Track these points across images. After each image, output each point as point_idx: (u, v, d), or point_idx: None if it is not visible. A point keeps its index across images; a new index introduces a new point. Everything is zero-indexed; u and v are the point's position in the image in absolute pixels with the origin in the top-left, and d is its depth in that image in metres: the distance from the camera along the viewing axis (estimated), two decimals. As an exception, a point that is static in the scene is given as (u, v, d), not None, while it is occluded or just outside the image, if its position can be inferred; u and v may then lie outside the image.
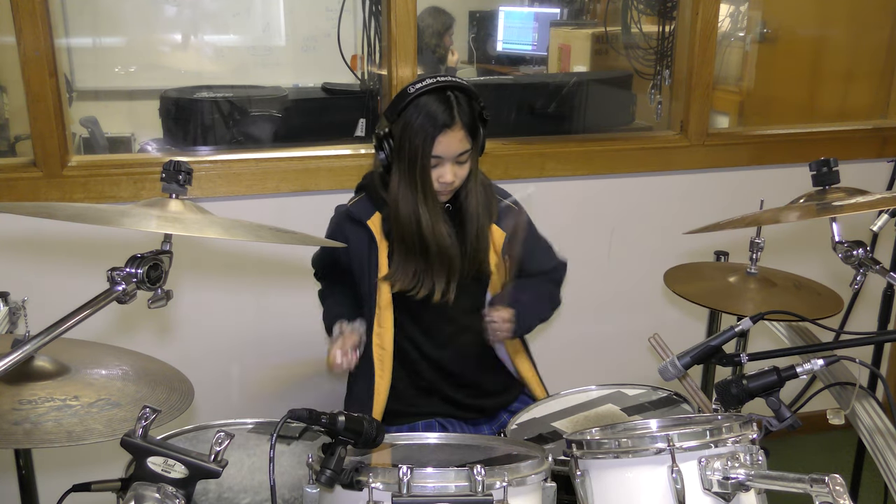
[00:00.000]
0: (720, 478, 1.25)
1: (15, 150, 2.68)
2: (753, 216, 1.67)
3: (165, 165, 1.29)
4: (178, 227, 1.22)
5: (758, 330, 1.63)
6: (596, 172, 2.67)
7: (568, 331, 2.70)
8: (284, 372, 2.47)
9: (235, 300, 2.45)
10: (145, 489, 1.10)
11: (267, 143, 2.76)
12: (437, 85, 1.77)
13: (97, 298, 1.17)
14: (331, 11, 2.85)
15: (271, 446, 1.17)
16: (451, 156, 1.79)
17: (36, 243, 2.28)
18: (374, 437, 1.26)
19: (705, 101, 2.72)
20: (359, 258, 1.92)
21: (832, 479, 1.13)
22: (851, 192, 1.57)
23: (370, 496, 1.21)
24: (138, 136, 3.13)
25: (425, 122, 1.75)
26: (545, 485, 1.32)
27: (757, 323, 1.48)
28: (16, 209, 1.46)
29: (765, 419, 1.34)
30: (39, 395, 1.27)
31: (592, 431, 1.41)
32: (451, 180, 1.80)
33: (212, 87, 2.91)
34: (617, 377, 2.05)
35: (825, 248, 1.61)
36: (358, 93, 2.72)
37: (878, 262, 1.53)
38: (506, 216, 1.96)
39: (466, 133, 1.79)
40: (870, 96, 3.22)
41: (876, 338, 1.89)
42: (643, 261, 2.72)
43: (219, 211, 1.34)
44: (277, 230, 1.36)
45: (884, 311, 2.40)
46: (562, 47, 3.82)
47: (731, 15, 3.54)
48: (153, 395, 1.34)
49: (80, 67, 3.41)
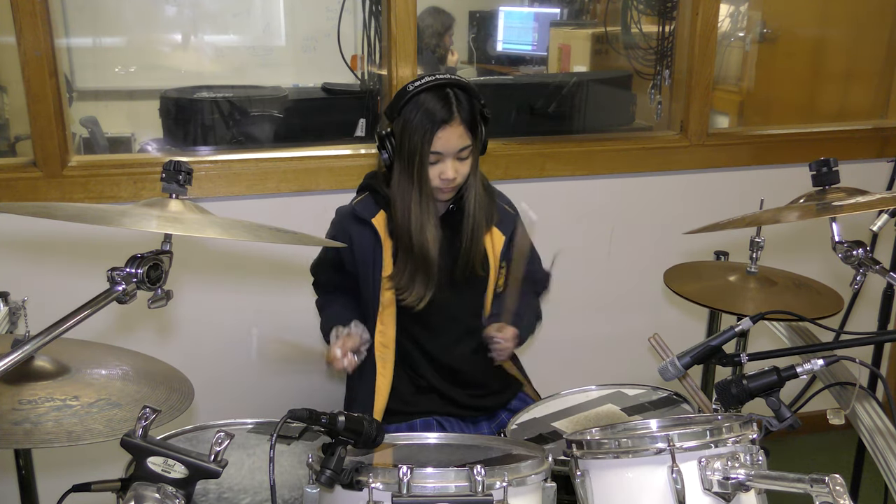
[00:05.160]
0: (720, 478, 1.25)
1: (15, 150, 2.68)
2: (753, 216, 1.67)
3: (165, 165, 1.29)
4: (178, 227, 1.22)
5: (758, 330, 1.63)
6: (596, 172, 2.67)
7: (568, 331, 2.70)
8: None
9: (235, 300, 2.45)
10: (145, 489, 1.10)
11: (267, 143, 2.76)
12: (436, 82, 1.77)
13: (97, 298, 1.17)
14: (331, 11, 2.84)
15: (271, 446, 1.17)
16: (451, 151, 1.79)
17: (36, 243, 2.28)
18: (374, 437, 1.26)
19: (705, 101, 2.72)
20: (363, 257, 1.91)
21: (832, 479, 1.12)
22: (851, 192, 1.57)
23: (370, 496, 1.21)
24: (138, 136, 3.13)
25: (424, 119, 1.75)
26: (545, 485, 1.32)
27: (757, 323, 1.48)
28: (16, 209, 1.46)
29: (765, 419, 1.34)
30: (39, 395, 1.27)
31: (592, 431, 1.41)
32: (452, 176, 1.80)
33: (212, 87, 2.91)
34: (617, 377, 2.05)
35: (825, 248, 1.61)
36: (358, 93, 2.72)
37: (877, 262, 1.52)
38: (510, 222, 1.97)
39: (466, 129, 1.79)
40: (870, 96, 3.22)
41: (876, 338, 1.89)
42: (643, 261, 2.72)
43: (219, 211, 1.34)
44: (277, 230, 1.36)
45: (884, 311, 2.40)
46: (562, 47, 3.82)
47: (731, 15, 3.54)
48: (153, 395, 1.34)
49: (80, 67, 3.41)
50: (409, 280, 1.87)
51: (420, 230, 1.83)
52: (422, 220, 1.82)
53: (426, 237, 1.83)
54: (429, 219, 1.83)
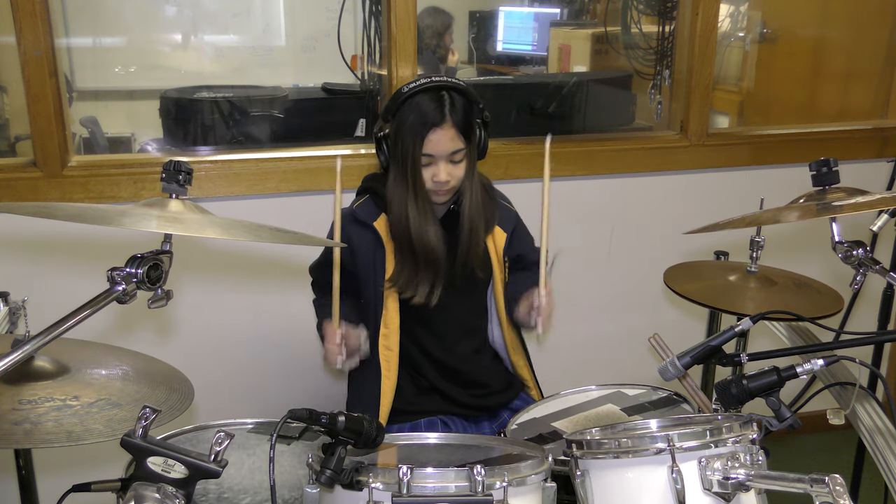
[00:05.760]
0: (720, 478, 1.25)
1: (15, 150, 2.68)
2: (753, 216, 1.67)
3: (165, 165, 1.29)
4: (178, 227, 1.22)
5: (758, 330, 1.63)
6: (596, 172, 2.67)
7: (568, 331, 2.70)
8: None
9: (235, 300, 2.45)
10: (145, 489, 1.10)
11: (267, 143, 2.76)
12: (431, 84, 1.78)
13: (97, 298, 1.17)
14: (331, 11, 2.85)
15: (271, 446, 1.17)
16: (442, 154, 1.79)
17: (36, 243, 2.28)
18: (374, 437, 1.26)
19: (705, 101, 2.72)
20: (364, 260, 1.91)
21: (832, 479, 1.12)
22: (851, 192, 1.57)
23: (370, 496, 1.21)
24: (138, 136, 3.13)
25: (416, 121, 1.76)
26: (545, 485, 1.32)
27: (757, 323, 1.48)
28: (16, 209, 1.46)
29: (765, 419, 1.34)
30: (39, 395, 1.27)
31: (592, 431, 1.41)
32: (445, 179, 1.80)
33: (212, 87, 2.91)
34: (617, 377, 2.05)
35: (825, 248, 1.61)
36: (358, 93, 2.72)
37: (877, 262, 1.52)
38: (510, 218, 1.98)
39: (458, 132, 1.78)
40: (870, 96, 3.22)
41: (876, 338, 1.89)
42: (643, 261, 2.72)
43: (219, 211, 1.34)
44: (277, 230, 1.36)
45: (884, 311, 2.40)
46: (562, 47, 3.82)
47: (731, 15, 3.54)
48: (153, 395, 1.34)
49: (80, 67, 3.41)
50: (410, 278, 1.86)
51: (420, 230, 1.83)
52: (420, 220, 1.82)
53: (428, 236, 1.83)
54: (427, 218, 1.83)
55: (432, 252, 1.84)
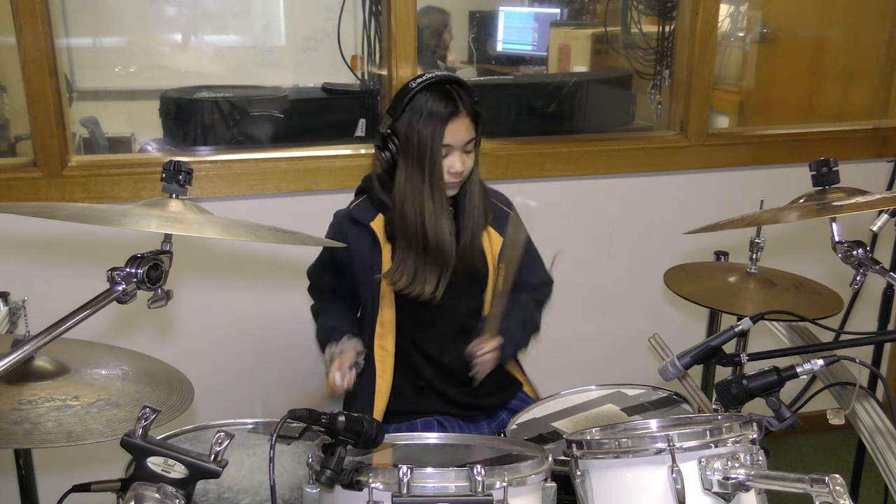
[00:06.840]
0: (720, 478, 1.25)
1: (15, 150, 2.68)
2: (753, 216, 1.67)
3: (165, 165, 1.29)
4: (178, 227, 1.22)
5: (758, 330, 1.63)
6: (596, 172, 2.67)
7: (568, 331, 2.70)
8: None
9: (235, 300, 2.45)
10: (145, 489, 1.10)
11: (267, 143, 2.76)
12: (437, 79, 1.81)
13: (97, 298, 1.17)
14: (331, 11, 2.85)
15: (271, 446, 1.17)
16: (459, 144, 1.81)
17: (36, 243, 2.28)
18: (374, 437, 1.26)
19: (705, 101, 2.72)
20: (361, 260, 1.92)
21: (832, 479, 1.12)
22: (851, 192, 1.57)
23: (370, 496, 1.21)
24: (138, 136, 3.13)
25: (433, 113, 1.78)
26: (545, 485, 1.32)
27: (757, 323, 1.48)
28: (16, 209, 1.46)
29: (765, 419, 1.34)
30: (39, 395, 1.27)
31: (592, 431, 1.41)
32: (460, 168, 1.82)
33: (212, 87, 2.91)
34: (617, 377, 2.05)
35: (825, 248, 1.61)
36: (358, 93, 2.72)
37: (877, 262, 1.52)
38: (506, 222, 1.96)
39: (472, 121, 1.83)
40: (870, 96, 3.21)
41: (876, 338, 1.90)
42: (643, 261, 2.72)
43: (219, 211, 1.34)
44: (277, 230, 1.36)
45: (884, 311, 2.40)
46: (562, 47, 3.82)
47: (731, 15, 3.54)
48: (153, 395, 1.34)
49: (80, 67, 3.41)
50: (415, 274, 1.86)
51: (436, 223, 1.83)
52: (436, 212, 1.83)
53: (443, 229, 1.84)
54: (442, 211, 1.84)
55: (445, 245, 1.85)
